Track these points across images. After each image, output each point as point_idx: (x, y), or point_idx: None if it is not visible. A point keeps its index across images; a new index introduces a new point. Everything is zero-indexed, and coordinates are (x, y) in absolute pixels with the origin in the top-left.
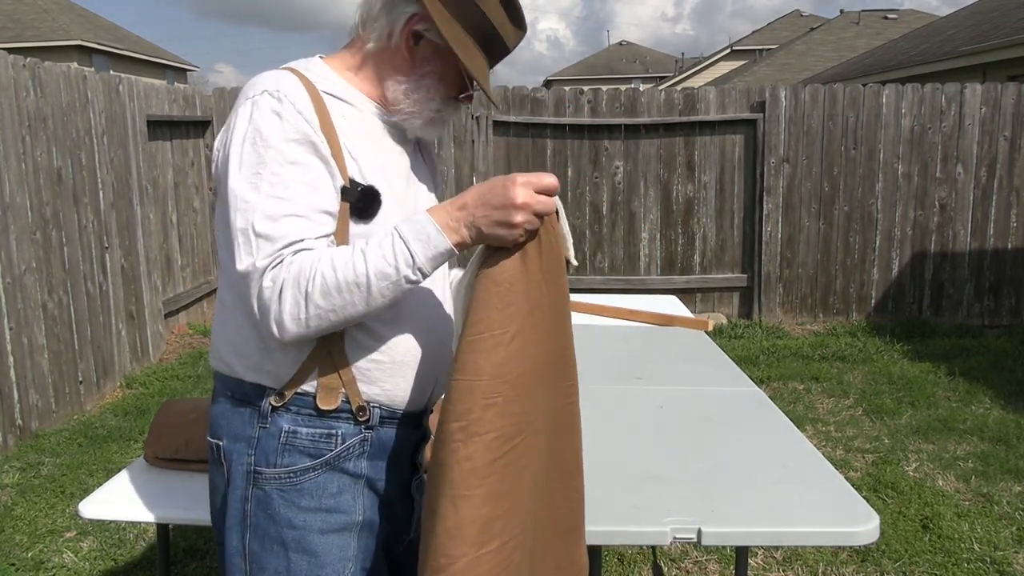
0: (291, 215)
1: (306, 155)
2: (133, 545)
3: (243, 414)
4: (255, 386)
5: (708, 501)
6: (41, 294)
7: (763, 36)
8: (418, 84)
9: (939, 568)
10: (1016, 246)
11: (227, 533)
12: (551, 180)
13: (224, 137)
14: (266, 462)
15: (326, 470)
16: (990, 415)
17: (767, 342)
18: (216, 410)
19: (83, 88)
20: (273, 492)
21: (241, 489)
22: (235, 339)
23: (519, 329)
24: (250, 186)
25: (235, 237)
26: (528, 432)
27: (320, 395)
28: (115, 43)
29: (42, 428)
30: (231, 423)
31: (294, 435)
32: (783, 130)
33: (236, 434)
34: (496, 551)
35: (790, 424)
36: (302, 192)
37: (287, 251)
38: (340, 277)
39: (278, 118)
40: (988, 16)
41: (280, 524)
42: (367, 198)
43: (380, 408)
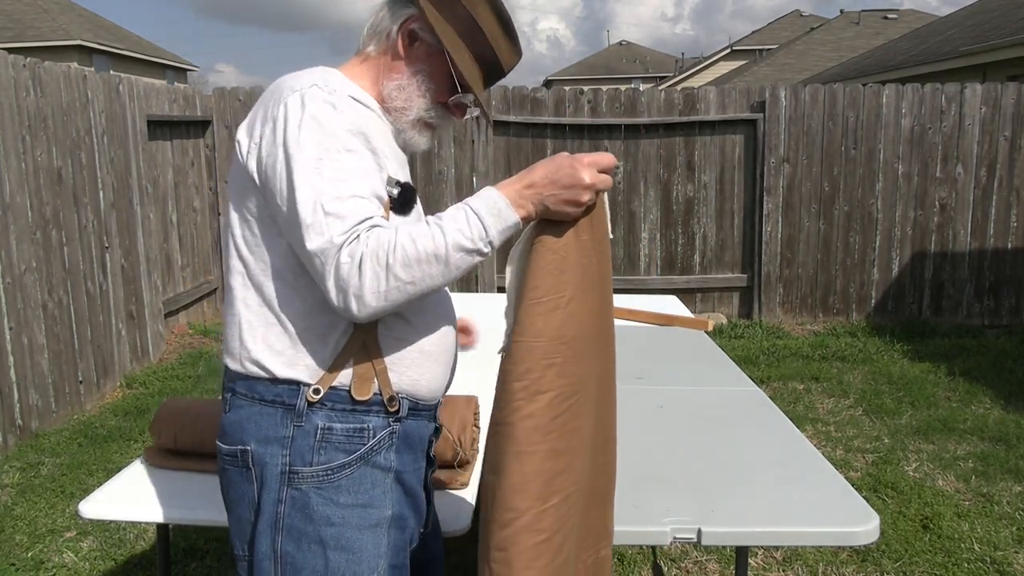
0: (357, 195)
1: (361, 144)
2: (133, 545)
3: (274, 415)
4: (289, 384)
5: (708, 501)
6: (41, 294)
7: (763, 36)
8: (411, 80)
9: (939, 568)
10: (1016, 246)
11: (257, 538)
12: (611, 159)
13: (261, 131)
14: (302, 461)
15: (361, 465)
16: (990, 415)
17: (767, 342)
18: (237, 416)
19: (83, 88)
20: (310, 491)
21: (275, 491)
22: (268, 337)
23: (573, 294)
24: (314, 171)
25: (302, 221)
26: (583, 393)
27: (355, 385)
28: (115, 43)
29: (42, 428)
30: (260, 426)
31: (329, 431)
32: (783, 130)
33: (267, 436)
34: (557, 506)
35: (790, 424)
36: (363, 177)
37: (361, 227)
38: (420, 249)
39: (332, 108)
40: (988, 16)
41: (318, 523)
42: (407, 193)
43: (408, 399)
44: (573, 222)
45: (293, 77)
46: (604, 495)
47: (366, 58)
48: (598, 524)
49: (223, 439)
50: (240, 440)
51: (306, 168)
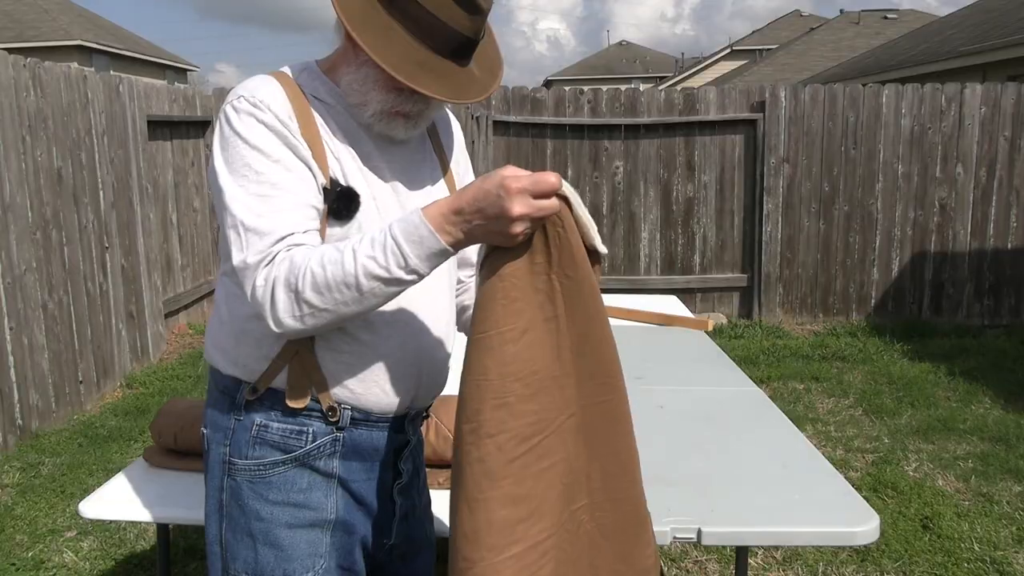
0: (279, 210)
1: (287, 153)
2: (133, 545)
3: (223, 405)
4: (232, 379)
5: (708, 501)
6: (41, 294)
7: (763, 36)
8: (359, 73)
9: (939, 568)
10: (1016, 246)
11: (207, 521)
12: (549, 183)
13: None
14: (239, 453)
15: (295, 465)
16: (990, 415)
17: (767, 342)
18: (207, 399)
19: (83, 88)
20: (244, 483)
21: (218, 478)
22: (216, 333)
23: (529, 325)
24: (237, 186)
25: (227, 234)
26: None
27: (289, 393)
28: (115, 43)
29: (42, 428)
30: (213, 413)
31: (265, 429)
32: (783, 130)
33: (216, 424)
34: (519, 556)
35: (790, 424)
36: (288, 187)
37: (279, 247)
38: (330, 276)
39: (254, 120)
40: (988, 16)
41: (249, 515)
42: (345, 199)
43: (352, 410)
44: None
45: (243, 83)
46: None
47: (337, 50)
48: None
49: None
50: (203, 422)
51: (229, 183)
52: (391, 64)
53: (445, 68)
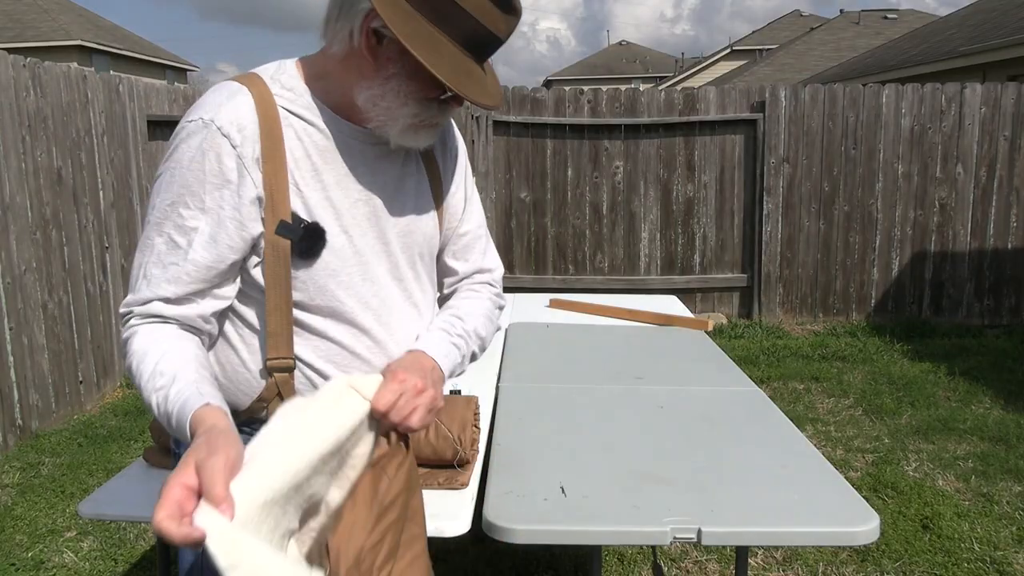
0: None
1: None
2: (133, 545)
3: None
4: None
5: (708, 501)
6: (41, 294)
7: (763, 36)
8: (384, 88)
9: (939, 568)
10: (1016, 246)
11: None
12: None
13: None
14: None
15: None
16: (990, 415)
17: (767, 342)
18: None
19: (83, 88)
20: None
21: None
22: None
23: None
24: (156, 224)
25: (134, 260)
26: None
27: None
28: (115, 43)
29: (42, 428)
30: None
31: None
32: (783, 130)
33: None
34: None
35: (790, 424)
36: (199, 248)
37: (141, 310)
38: (137, 381)
39: (204, 150)
40: (988, 16)
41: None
42: (311, 237)
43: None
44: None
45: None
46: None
47: (331, 59)
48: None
49: None
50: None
51: (153, 219)
52: (447, 77)
53: (478, 72)
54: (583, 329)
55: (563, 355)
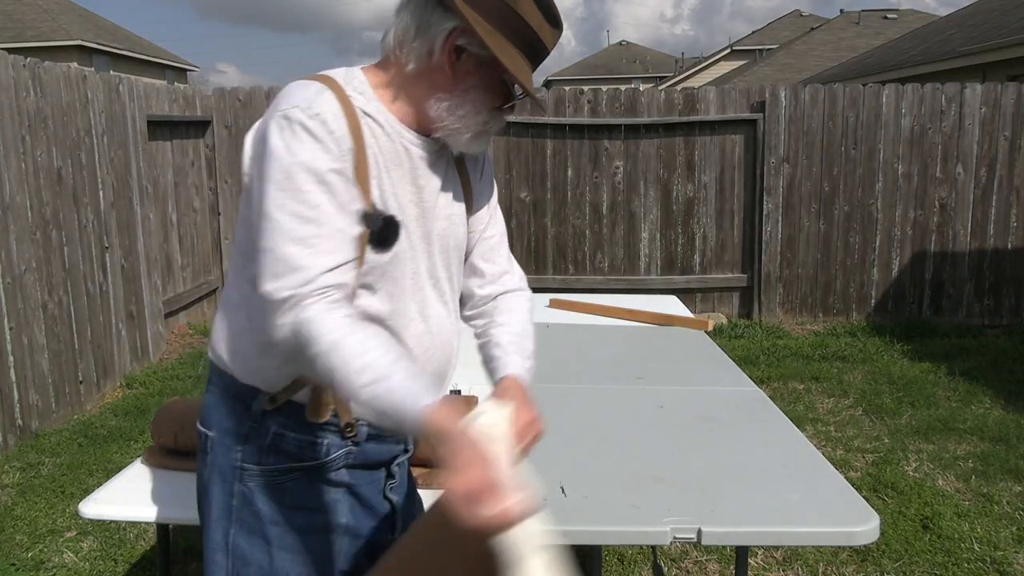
0: (318, 242)
1: (335, 177)
2: (133, 545)
3: (235, 410)
4: (249, 386)
5: (708, 501)
6: (41, 294)
7: (763, 36)
8: (463, 99)
9: (939, 568)
10: (1016, 246)
11: (212, 526)
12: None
13: (257, 146)
14: (253, 459)
15: (309, 473)
16: (990, 415)
17: (767, 342)
18: (209, 400)
19: (83, 88)
20: (257, 489)
21: (228, 483)
22: (234, 340)
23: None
24: (278, 206)
25: (261, 255)
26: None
27: (310, 409)
28: (115, 43)
29: (42, 428)
30: (222, 416)
31: (281, 438)
32: (783, 130)
33: (226, 428)
34: None
35: (790, 424)
36: (332, 216)
37: (308, 288)
38: (337, 374)
39: (310, 137)
40: (988, 16)
41: (264, 520)
42: (389, 228)
43: (368, 426)
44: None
45: (296, 88)
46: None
47: (402, 75)
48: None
49: (198, 418)
50: (204, 423)
51: (271, 202)
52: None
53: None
54: (583, 329)
55: (563, 355)
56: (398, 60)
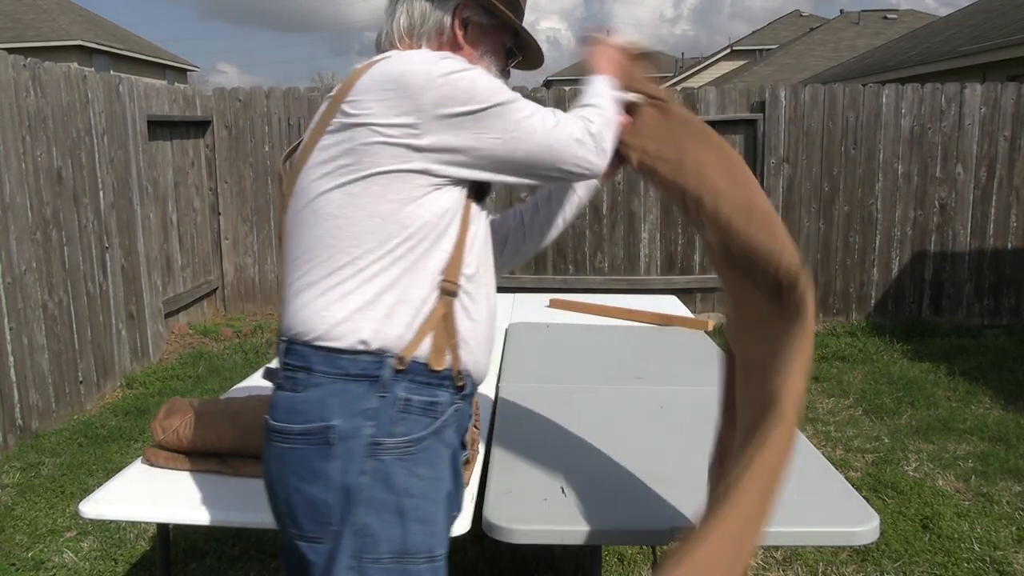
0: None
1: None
2: (133, 545)
3: (358, 388)
4: (375, 356)
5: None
6: (41, 294)
7: (763, 36)
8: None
9: (939, 568)
10: (1016, 246)
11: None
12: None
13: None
14: (386, 432)
15: (433, 439)
16: (990, 415)
17: None
18: (316, 393)
19: (83, 88)
20: (393, 462)
21: (358, 464)
22: (362, 308)
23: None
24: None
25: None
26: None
27: (432, 356)
28: (115, 43)
29: (42, 428)
30: (344, 400)
31: (408, 403)
32: (783, 130)
33: (352, 409)
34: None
35: None
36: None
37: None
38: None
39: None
40: (988, 16)
41: (400, 494)
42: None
43: (469, 377)
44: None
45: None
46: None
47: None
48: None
49: (293, 418)
50: (321, 417)
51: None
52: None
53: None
54: (583, 329)
55: (563, 355)
56: (409, 47)
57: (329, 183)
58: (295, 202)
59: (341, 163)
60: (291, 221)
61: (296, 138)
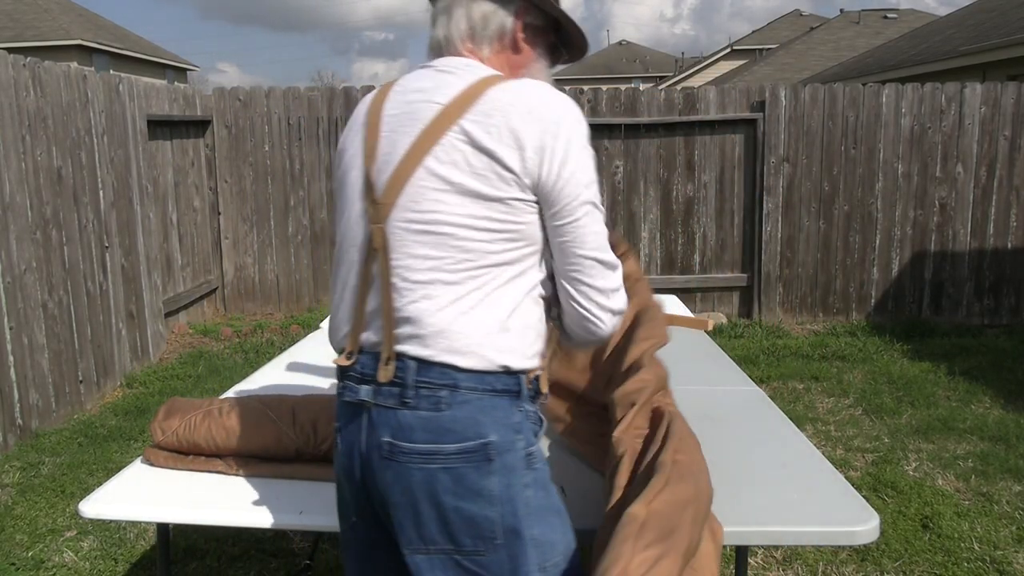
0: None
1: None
2: (133, 545)
3: (506, 403)
4: (515, 373)
5: None
6: (41, 294)
7: (763, 36)
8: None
9: (939, 568)
10: (1016, 246)
11: (510, 528)
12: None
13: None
14: (531, 443)
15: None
16: (990, 415)
17: (767, 342)
18: (466, 410)
19: (83, 88)
20: (543, 469)
21: (520, 476)
22: (519, 329)
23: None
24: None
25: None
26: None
27: (541, 376)
28: (115, 43)
29: (42, 428)
30: (497, 416)
31: (534, 414)
32: (783, 130)
33: (504, 424)
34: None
35: (790, 423)
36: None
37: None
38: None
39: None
40: (988, 16)
41: (553, 497)
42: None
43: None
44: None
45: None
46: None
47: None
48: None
49: (443, 438)
50: (478, 434)
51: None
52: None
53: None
54: None
55: None
56: (473, 51)
57: (456, 200)
58: (404, 212)
59: (467, 185)
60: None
61: (296, 137)
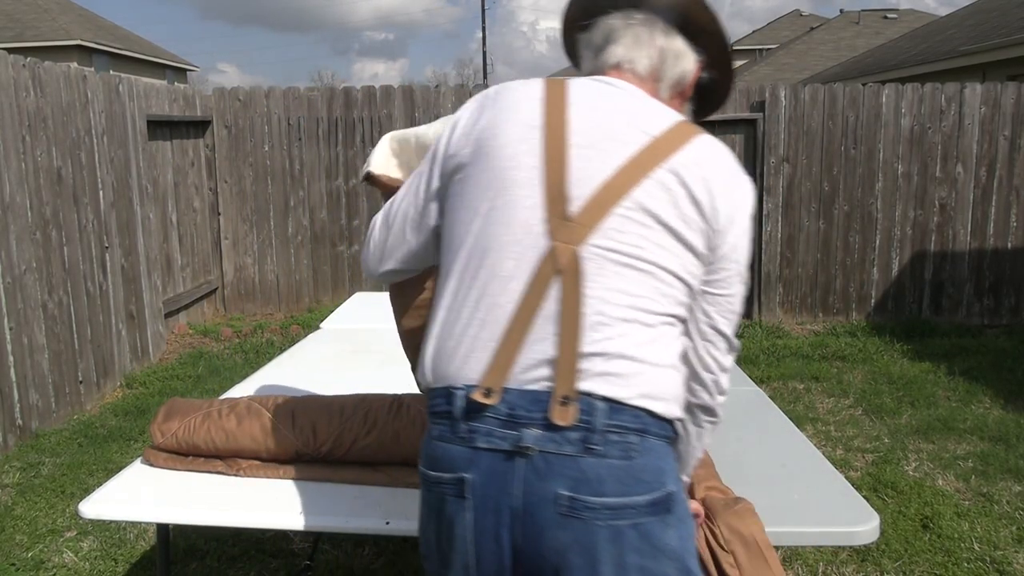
0: None
1: None
2: (133, 545)
3: (672, 451)
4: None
5: None
6: (41, 294)
7: (763, 36)
8: (687, 109)
9: (939, 568)
10: (1016, 246)
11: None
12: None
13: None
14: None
15: None
16: (990, 415)
17: (767, 342)
18: (652, 459)
19: (83, 88)
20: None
21: (688, 526)
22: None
23: None
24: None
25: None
26: None
27: None
28: (115, 43)
29: (42, 428)
30: (671, 464)
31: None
32: (783, 130)
33: (675, 472)
34: None
35: (790, 423)
36: None
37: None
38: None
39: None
40: (988, 16)
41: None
42: None
43: None
44: None
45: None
46: None
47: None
48: None
49: (634, 489)
50: (661, 483)
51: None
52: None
53: None
54: None
55: None
56: (650, 87)
57: (663, 240)
58: (604, 239)
59: (674, 227)
60: (597, 256)
61: (296, 138)
